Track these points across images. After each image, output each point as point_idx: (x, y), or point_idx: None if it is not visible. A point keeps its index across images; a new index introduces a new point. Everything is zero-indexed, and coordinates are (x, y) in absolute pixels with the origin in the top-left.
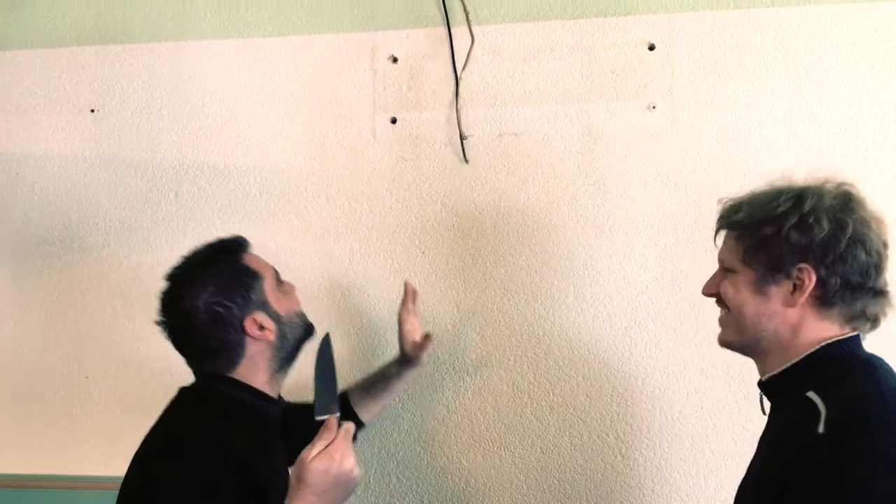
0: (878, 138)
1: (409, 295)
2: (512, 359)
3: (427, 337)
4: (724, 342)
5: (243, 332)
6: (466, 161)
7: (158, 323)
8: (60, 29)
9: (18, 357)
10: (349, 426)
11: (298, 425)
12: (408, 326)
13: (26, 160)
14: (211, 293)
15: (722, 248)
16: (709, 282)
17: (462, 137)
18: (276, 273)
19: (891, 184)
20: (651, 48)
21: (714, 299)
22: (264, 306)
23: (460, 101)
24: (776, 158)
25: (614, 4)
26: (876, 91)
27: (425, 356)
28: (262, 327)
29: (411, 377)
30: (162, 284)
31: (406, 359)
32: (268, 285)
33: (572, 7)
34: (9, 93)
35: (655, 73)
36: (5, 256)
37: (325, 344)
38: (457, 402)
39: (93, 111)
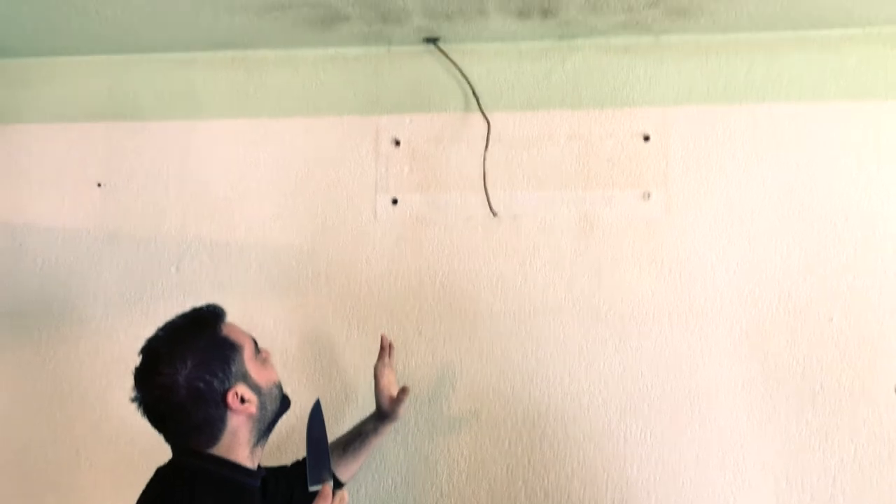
0: (867, 233)
1: (385, 349)
2: (507, 442)
3: (404, 390)
4: None
5: (224, 406)
6: (494, 214)
7: (133, 399)
8: (72, 105)
9: (8, 427)
10: (344, 494)
11: (274, 490)
12: (384, 381)
13: (30, 231)
14: (191, 368)
15: None
16: None
17: (492, 213)
18: (254, 341)
19: (879, 278)
20: (646, 139)
21: None
22: (244, 378)
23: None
24: (768, 249)
25: (611, 96)
26: (865, 186)
27: (402, 410)
28: (243, 400)
29: (389, 433)
30: (137, 359)
31: (383, 414)
32: (247, 355)
33: (570, 98)
34: (18, 164)
35: (650, 163)
36: (4, 325)
37: (316, 412)
38: (450, 486)
39: (99, 185)
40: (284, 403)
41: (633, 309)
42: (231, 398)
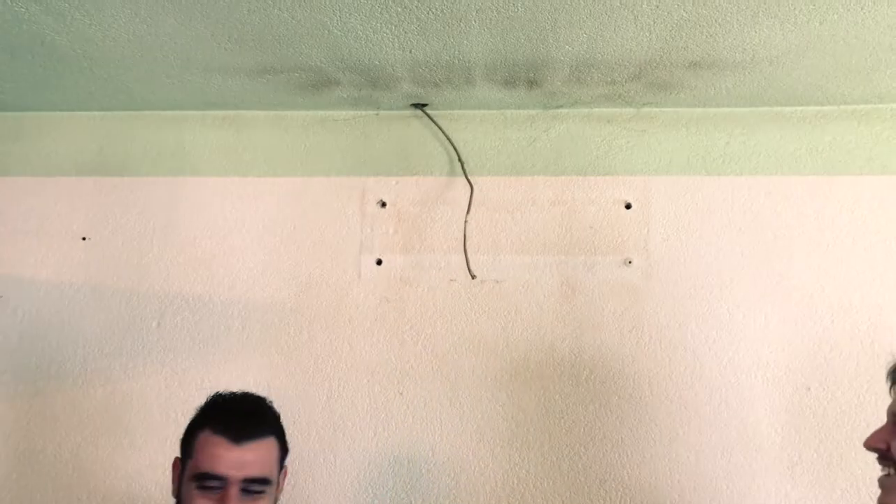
0: (843, 304)
1: None
2: None
3: None
4: None
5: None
6: (473, 277)
7: None
8: (62, 159)
9: None
10: None
11: None
12: None
13: (12, 283)
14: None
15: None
16: (875, 434)
17: (472, 276)
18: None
19: (856, 348)
20: (627, 207)
21: (875, 455)
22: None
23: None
24: (747, 317)
25: (593, 165)
26: (840, 258)
27: None
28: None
29: None
30: None
31: None
32: (193, 468)
33: (554, 165)
34: (3, 216)
35: (631, 230)
36: None
37: None
38: None
39: (84, 239)
40: None
41: (613, 374)
42: (175, 463)
